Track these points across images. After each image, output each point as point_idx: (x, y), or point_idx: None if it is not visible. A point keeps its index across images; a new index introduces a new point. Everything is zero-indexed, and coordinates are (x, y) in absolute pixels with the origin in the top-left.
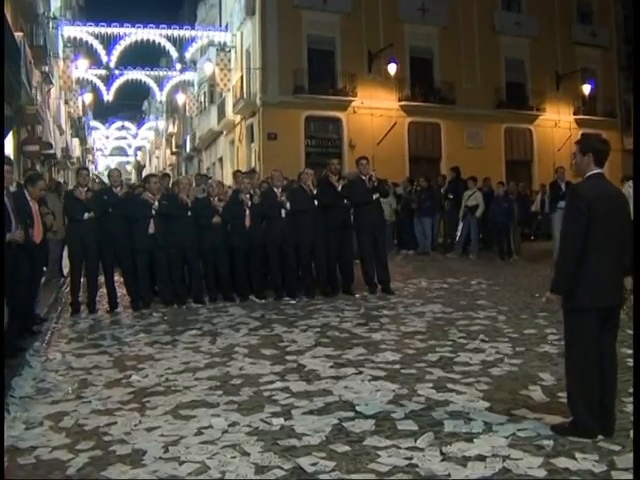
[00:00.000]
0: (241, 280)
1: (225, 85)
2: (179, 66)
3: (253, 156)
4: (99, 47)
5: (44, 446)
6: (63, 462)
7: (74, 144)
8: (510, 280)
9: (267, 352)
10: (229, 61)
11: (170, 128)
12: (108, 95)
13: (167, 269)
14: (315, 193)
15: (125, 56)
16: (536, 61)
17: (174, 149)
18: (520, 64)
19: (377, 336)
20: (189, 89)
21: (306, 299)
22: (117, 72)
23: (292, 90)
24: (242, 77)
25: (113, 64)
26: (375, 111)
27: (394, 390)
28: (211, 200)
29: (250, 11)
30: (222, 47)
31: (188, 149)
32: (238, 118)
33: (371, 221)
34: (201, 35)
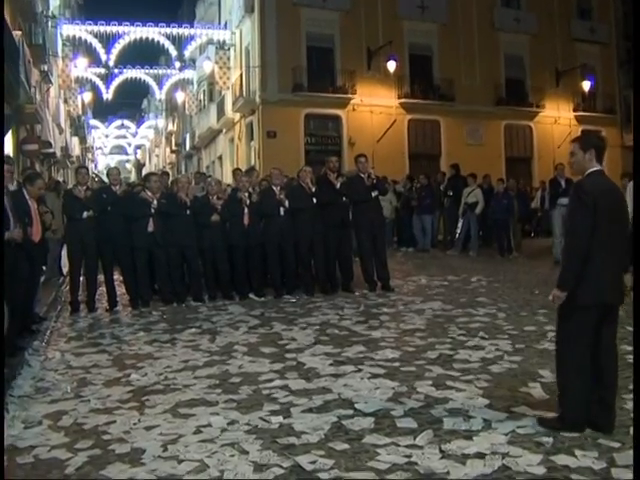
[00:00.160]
0: (240, 278)
1: (224, 83)
2: (178, 64)
3: (253, 154)
4: (98, 46)
5: (43, 445)
6: (62, 461)
7: (74, 143)
8: (510, 277)
9: (266, 350)
10: (228, 59)
11: (169, 126)
12: (107, 94)
13: (166, 267)
14: (314, 191)
15: (124, 55)
16: (535, 58)
17: (174, 147)
18: (519, 61)
19: (377, 334)
20: (188, 87)
21: (305, 297)
22: (116, 71)
23: (291, 88)
24: (241, 75)
25: (112, 63)
26: (374, 108)
27: (393, 388)
28: (210, 198)
29: (249, 9)
30: (221, 45)
31: (188, 147)
32: (237, 116)
33: (370, 219)
34: (200, 33)
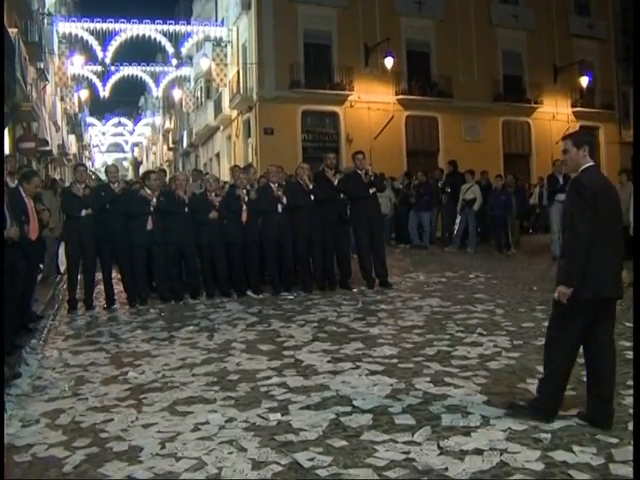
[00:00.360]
0: (238, 276)
1: (221, 80)
2: (175, 61)
3: (250, 151)
4: (94, 43)
5: (40, 443)
6: (59, 459)
7: (70, 141)
8: (508, 273)
9: (264, 347)
10: (225, 56)
11: (167, 124)
12: (104, 91)
13: (164, 265)
14: (311, 188)
15: (121, 52)
16: (533, 54)
17: (171, 145)
18: (517, 57)
19: (374, 330)
20: (185, 85)
21: (303, 294)
22: (113, 68)
23: (289, 85)
24: (238, 72)
25: (109, 60)
26: (372, 105)
27: (391, 384)
28: (208, 195)
29: (246, 5)
30: (218, 42)
31: (185, 145)
32: (235, 113)
33: (368, 216)
34: (197, 30)
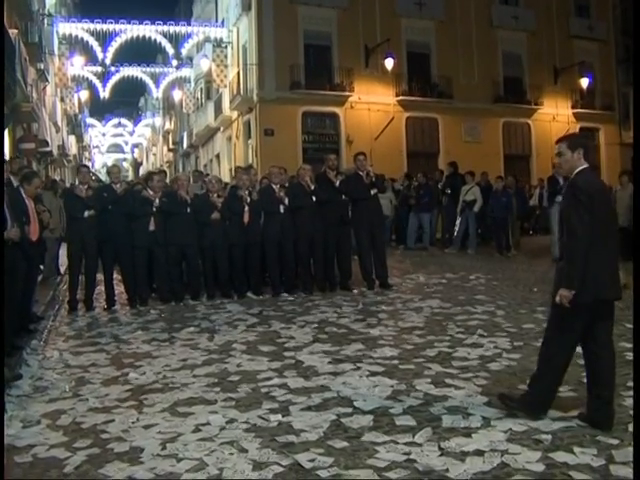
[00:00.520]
0: (239, 276)
1: (222, 81)
2: (175, 62)
3: (250, 152)
4: (95, 44)
5: (41, 444)
6: (60, 460)
7: (70, 141)
8: (508, 275)
9: (265, 348)
10: (225, 57)
11: (167, 125)
12: (104, 92)
13: (165, 266)
14: (313, 189)
15: (121, 53)
16: (534, 55)
17: (171, 146)
18: (518, 58)
19: (375, 332)
20: (185, 85)
21: (304, 295)
22: (113, 69)
23: (289, 86)
24: (239, 73)
25: (109, 61)
26: (372, 106)
27: (392, 386)
28: (210, 196)
29: (246, 7)
30: (218, 43)
31: (185, 146)
32: (235, 114)
33: (369, 217)
34: (197, 31)
